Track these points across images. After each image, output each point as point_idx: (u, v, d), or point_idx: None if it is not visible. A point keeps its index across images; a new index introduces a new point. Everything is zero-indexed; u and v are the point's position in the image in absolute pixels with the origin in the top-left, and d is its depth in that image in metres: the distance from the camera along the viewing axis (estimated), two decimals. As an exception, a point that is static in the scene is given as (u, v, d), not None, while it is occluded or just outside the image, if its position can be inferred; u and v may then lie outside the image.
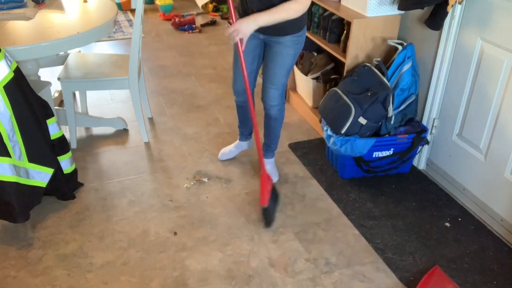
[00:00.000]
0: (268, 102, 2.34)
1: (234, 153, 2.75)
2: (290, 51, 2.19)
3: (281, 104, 2.36)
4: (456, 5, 2.24)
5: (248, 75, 2.31)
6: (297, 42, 2.19)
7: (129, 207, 2.39)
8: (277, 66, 2.21)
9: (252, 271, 2.01)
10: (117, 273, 1.99)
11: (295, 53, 2.22)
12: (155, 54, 4.35)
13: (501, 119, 2.14)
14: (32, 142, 2.16)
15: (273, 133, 2.49)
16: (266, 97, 2.32)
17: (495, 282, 1.97)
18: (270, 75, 2.25)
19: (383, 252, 2.11)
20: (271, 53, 2.22)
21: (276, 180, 2.57)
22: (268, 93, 2.30)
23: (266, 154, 2.59)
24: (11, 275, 1.98)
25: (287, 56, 2.20)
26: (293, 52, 2.20)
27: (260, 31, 2.15)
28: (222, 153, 2.75)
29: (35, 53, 2.34)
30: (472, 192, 2.36)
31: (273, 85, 2.27)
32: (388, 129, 2.50)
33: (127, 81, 2.77)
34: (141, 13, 2.65)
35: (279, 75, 2.24)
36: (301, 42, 2.22)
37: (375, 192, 2.50)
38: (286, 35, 2.14)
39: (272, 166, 2.61)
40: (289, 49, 2.18)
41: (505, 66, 2.08)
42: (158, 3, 5.46)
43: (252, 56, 2.29)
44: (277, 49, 2.19)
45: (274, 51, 2.20)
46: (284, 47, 2.17)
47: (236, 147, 2.75)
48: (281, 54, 2.19)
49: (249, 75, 2.32)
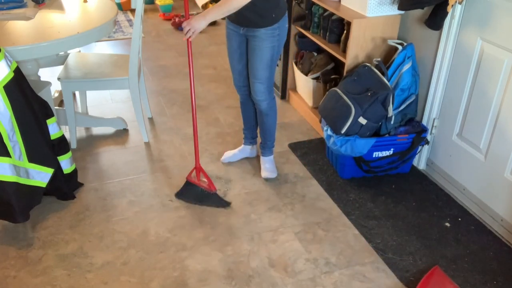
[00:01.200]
0: (255, 97, 2.38)
1: (237, 157, 2.75)
2: (267, 43, 2.22)
3: (270, 98, 2.39)
4: (456, 5, 2.24)
5: (239, 73, 2.39)
6: (272, 35, 2.21)
7: (129, 207, 2.39)
8: (257, 59, 2.25)
9: (252, 271, 2.01)
10: (117, 273, 1.99)
11: (273, 46, 2.24)
12: (155, 54, 4.35)
13: (501, 119, 2.14)
14: (32, 142, 2.16)
15: (266, 129, 2.51)
16: (253, 92, 2.37)
17: (495, 282, 1.97)
18: (252, 69, 2.30)
19: (383, 252, 2.11)
20: (250, 47, 2.27)
21: (274, 176, 2.59)
22: (253, 88, 2.35)
23: (263, 152, 2.61)
24: (11, 275, 1.98)
25: (265, 49, 2.23)
26: (269, 45, 2.22)
27: (238, 24, 2.23)
28: (225, 156, 2.75)
29: (35, 53, 2.34)
30: (472, 192, 2.36)
31: (256, 79, 2.31)
32: (388, 129, 2.50)
33: (127, 81, 2.77)
34: (141, 13, 2.65)
35: (259, 69, 2.27)
36: (279, 35, 2.24)
37: (375, 192, 2.50)
38: (259, 28, 2.18)
39: (270, 164, 2.62)
40: (265, 42, 2.21)
41: (505, 66, 2.08)
42: (158, 3, 5.46)
43: (239, 53, 2.36)
44: (254, 43, 2.23)
45: (252, 44, 2.25)
46: (260, 40, 2.21)
47: (240, 151, 2.75)
48: (259, 48, 2.23)
49: (240, 73, 2.40)
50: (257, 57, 2.25)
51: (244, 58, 2.37)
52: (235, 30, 2.28)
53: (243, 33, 2.27)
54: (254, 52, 2.25)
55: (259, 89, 2.33)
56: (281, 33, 2.25)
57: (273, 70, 2.33)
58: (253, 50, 2.24)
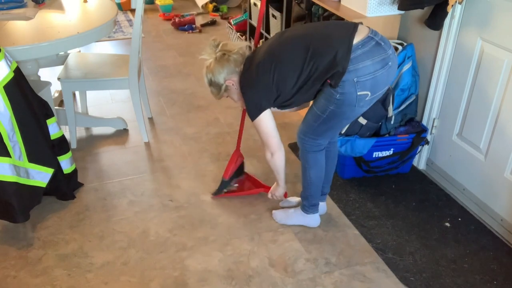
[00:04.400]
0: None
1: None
2: (323, 99, 1.88)
3: (307, 140, 2.03)
4: (456, 5, 2.24)
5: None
6: (332, 95, 1.85)
7: (129, 207, 2.39)
8: (313, 105, 1.98)
9: (252, 271, 2.01)
10: (117, 273, 1.99)
11: (327, 106, 1.88)
12: (155, 54, 4.35)
13: (501, 119, 2.14)
14: (32, 142, 2.16)
15: (302, 171, 2.16)
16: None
17: (495, 282, 1.97)
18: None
19: (383, 252, 2.11)
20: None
21: (276, 220, 2.30)
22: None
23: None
24: (11, 275, 1.98)
25: (320, 102, 1.90)
26: (325, 102, 1.88)
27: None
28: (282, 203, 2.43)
29: (35, 53, 2.34)
30: (472, 192, 2.36)
31: (304, 120, 2.04)
32: (388, 129, 2.50)
33: (127, 81, 2.77)
34: (141, 13, 2.65)
35: (308, 113, 2.00)
36: (338, 101, 1.84)
37: (375, 192, 2.50)
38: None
39: (289, 214, 2.27)
40: (324, 96, 1.88)
41: (505, 66, 2.08)
42: (158, 3, 5.46)
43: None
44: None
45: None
46: (322, 92, 1.89)
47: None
48: (318, 96, 1.91)
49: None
50: (314, 102, 1.96)
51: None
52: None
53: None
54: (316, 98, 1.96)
55: (300, 128, 2.05)
56: (344, 99, 1.83)
57: (319, 127, 1.96)
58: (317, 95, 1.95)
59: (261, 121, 1.97)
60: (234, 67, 1.98)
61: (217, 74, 1.99)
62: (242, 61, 1.99)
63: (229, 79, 1.99)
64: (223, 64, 1.97)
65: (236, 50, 1.98)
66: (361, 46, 1.75)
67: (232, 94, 2.07)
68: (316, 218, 2.24)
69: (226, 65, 1.97)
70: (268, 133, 2.01)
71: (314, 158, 2.07)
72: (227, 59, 1.97)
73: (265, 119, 1.97)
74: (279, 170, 2.14)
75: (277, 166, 2.11)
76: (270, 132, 2.01)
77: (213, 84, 2.03)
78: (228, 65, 1.97)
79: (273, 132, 2.01)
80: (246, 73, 1.96)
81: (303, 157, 2.09)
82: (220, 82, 2.00)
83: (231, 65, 1.97)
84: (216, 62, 1.98)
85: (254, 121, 1.98)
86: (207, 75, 2.02)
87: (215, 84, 2.02)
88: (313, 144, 2.03)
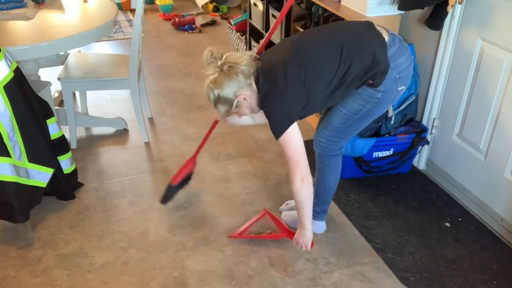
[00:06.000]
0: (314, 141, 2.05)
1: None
2: (359, 99, 1.84)
3: (331, 144, 1.97)
4: (456, 5, 2.24)
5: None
6: (370, 96, 1.81)
7: (129, 207, 2.39)
8: (338, 106, 1.90)
9: (252, 271, 2.01)
10: (117, 273, 1.99)
11: (363, 105, 1.84)
12: (155, 54, 4.35)
13: (501, 119, 2.14)
14: (32, 142, 2.16)
15: (318, 177, 2.08)
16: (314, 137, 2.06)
17: (495, 282, 1.97)
18: (328, 117, 1.97)
19: (383, 252, 2.11)
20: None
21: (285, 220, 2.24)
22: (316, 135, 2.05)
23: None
24: (11, 275, 1.98)
25: (352, 103, 1.85)
26: (361, 102, 1.84)
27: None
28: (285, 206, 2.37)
29: (35, 53, 2.34)
30: (472, 192, 2.36)
31: (326, 129, 1.99)
32: (388, 129, 2.50)
33: (127, 81, 2.77)
34: (141, 13, 2.65)
35: (334, 118, 1.93)
36: (378, 100, 1.82)
37: (375, 192, 2.50)
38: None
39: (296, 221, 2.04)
40: (358, 97, 1.84)
41: (505, 66, 2.08)
42: (158, 3, 5.46)
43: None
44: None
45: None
46: (356, 93, 1.84)
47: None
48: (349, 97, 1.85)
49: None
50: (341, 105, 1.88)
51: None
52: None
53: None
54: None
55: (321, 133, 2.00)
56: (384, 97, 1.81)
57: (348, 128, 1.92)
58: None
59: (290, 135, 1.74)
60: (244, 79, 1.75)
61: (226, 89, 1.74)
62: (252, 72, 1.77)
63: (240, 93, 1.76)
64: (231, 77, 1.74)
65: (244, 62, 1.75)
66: (392, 43, 1.77)
67: (242, 110, 1.84)
68: (323, 225, 2.21)
69: (236, 78, 1.74)
70: (297, 150, 1.77)
71: (335, 162, 1.99)
72: (236, 72, 1.73)
73: (295, 133, 1.76)
74: (308, 202, 1.84)
75: (307, 195, 1.82)
76: (300, 148, 1.78)
77: (222, 101, 1.77)
78: (237, 78, 1.74)
79: (302, 148, 1.78)
80: (267, 83, 1.75)
81: (324, 163, 2.00)
82: (231, 98, 1.76)
83: (241, 78, 1.74)
84: (224, 76, 1.74)
85: (281, 137, 1.75)
86: (213, 91, 1.76)
87: (225, 100, 1.77)
88: (335, 148, 1.95)
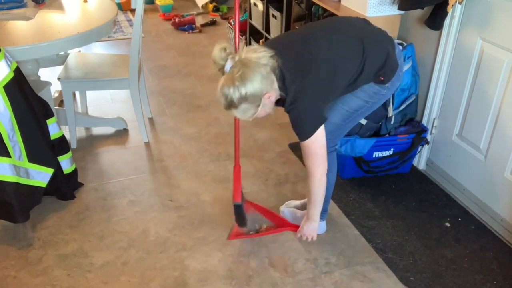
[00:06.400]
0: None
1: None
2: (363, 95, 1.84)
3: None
4: (456, 5, 2.24)
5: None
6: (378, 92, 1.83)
7: (129, 207, 2.39)
8: (339, 100, 1.87)
9: (252, 271, 2.01)
10: (117, 273, 1.99)
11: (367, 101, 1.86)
12: (155, 54, 4.35)
13: (501, 119, 2.14)
14: (32, 142, 2.16)
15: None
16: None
17: (495, 282, 1.97)
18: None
19: (383, 252, 2.11)
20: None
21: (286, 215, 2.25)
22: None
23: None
24: (11, 275, 1.98)
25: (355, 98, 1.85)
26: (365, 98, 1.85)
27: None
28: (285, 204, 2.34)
29: (35, 53, 2.34)
30: (472, 192, 2.36)
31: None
32: (388, 129, 2.50)
33: (127, 81, 2.77)
34: (141, 13, 2.65)
35: (334, 111, 1.89)
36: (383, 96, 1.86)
37: (375, 192, 2.50)
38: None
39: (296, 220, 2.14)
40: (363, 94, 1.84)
41: (505, 66, 2.08)
42: (158, 3, 5.46)
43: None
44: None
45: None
46: (362, 89, 1.83)
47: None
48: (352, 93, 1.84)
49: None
50: (342, 101, 1.85)
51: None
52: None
53: None
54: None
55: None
56: (388, 93, 1.86)
57: (347, 125, 1.92)
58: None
59: (318, 135, 1.68)
60: (270, 76, 1.61)
61: (256, 84, 1.55)
62: (273, 69, 1.62)
63: (267, 91, 1.60)
64: (260, 72, 1.56)
65: (267, 57, 1.59)
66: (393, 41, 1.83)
67: (264, 111, 1.68)
68: (323, 225, 2.20)
69: (266, 74, 1.57)
70: (323, 146, 1.72)
71: (332, 159, 1.94)
72: (264, 65, 1.57)
73: (322, 131, 1.69)
74: (323, 195, 1.84)
75: (324, 188, 1.81)
76: (324, 143, 1.73)
77: (249, 100, 1.57)
78: (267, 74, 1.58)
79: (325, 143, 1.74)
80: (296, 82, 1.63)
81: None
82: (259, 95, 1.58)
83: (270, 74, 1.59)
84: (250, 71, 1.54)
85: (310, 137, 1.67)
86: (238, 89, 1.54)
87: (253, 99, 1.57)
88: (330, 145, 1.90)
